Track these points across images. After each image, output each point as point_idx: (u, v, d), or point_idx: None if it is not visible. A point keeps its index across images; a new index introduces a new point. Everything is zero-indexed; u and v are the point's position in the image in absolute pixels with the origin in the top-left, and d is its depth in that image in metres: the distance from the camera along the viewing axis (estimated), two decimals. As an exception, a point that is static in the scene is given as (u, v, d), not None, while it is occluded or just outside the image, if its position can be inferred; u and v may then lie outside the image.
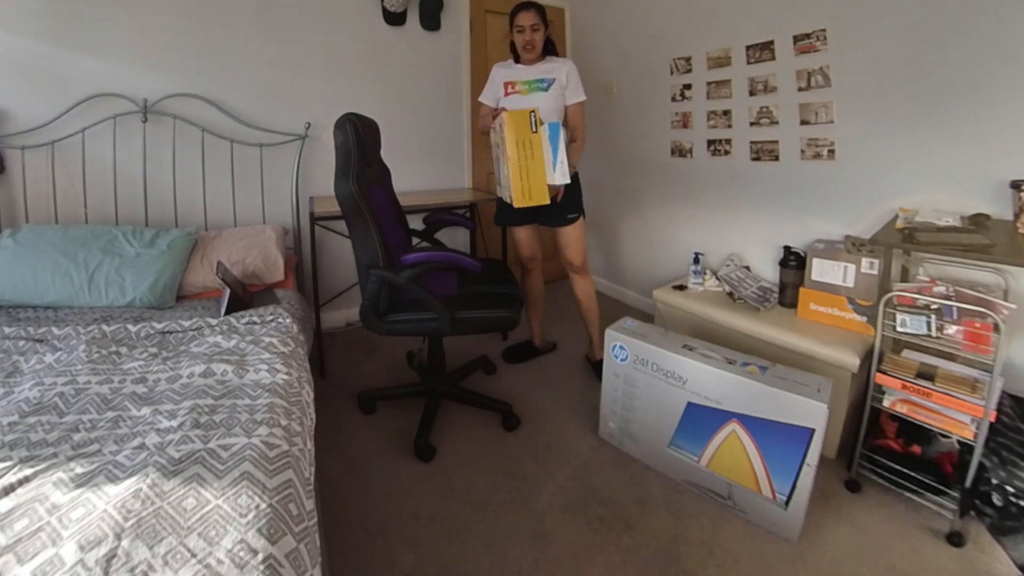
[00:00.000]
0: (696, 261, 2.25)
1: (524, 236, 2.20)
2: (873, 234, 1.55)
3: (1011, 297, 1.44)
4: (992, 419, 1.29)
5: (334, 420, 1.88)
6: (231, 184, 2.30)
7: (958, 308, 1.33)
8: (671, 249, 2.73)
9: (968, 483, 1.33)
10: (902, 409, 1.41)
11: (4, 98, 1.88)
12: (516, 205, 1.70)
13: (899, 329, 1.41)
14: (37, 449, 0.93)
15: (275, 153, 2.37)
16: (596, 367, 2.18)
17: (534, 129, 1.64)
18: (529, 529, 1.40)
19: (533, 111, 1.65)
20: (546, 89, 1.94)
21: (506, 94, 2.01)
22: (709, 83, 2.38)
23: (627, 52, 2.84)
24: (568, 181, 1.76)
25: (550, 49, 2.05)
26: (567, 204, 2.02)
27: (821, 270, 1.80)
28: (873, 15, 1.76)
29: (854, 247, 1.72)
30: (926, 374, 1.40)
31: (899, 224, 1.55)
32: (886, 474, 1.48)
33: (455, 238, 2.91)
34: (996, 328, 1.25)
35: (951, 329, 1.34)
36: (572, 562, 1.29)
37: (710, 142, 2.44)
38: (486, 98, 2.09)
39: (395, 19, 2.62)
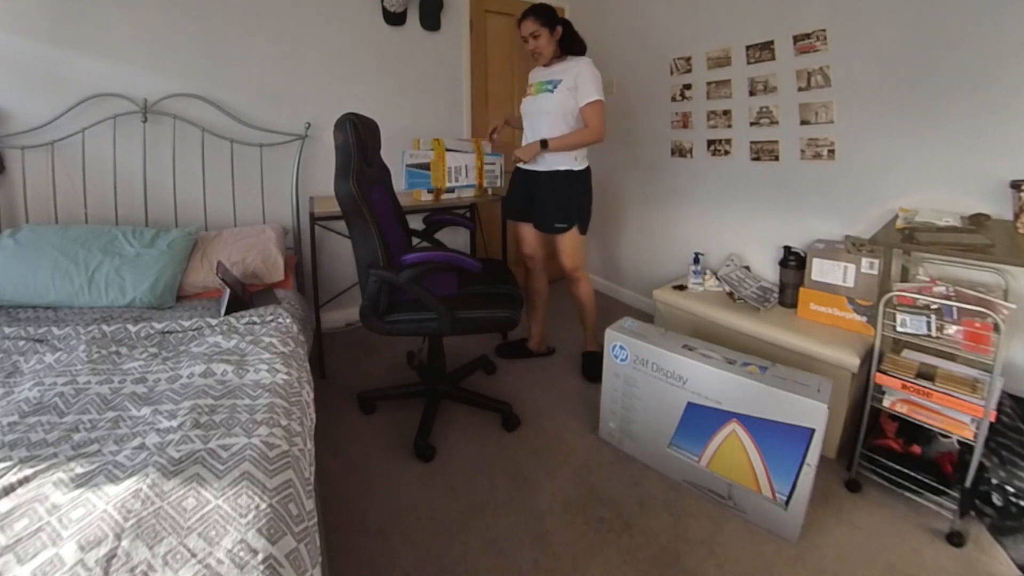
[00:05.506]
0: (696, 261, 2.25)
1: (527, 233, 2.21)
2: (873, 234, 1.55)
3: (1011, 297, 1.44)
4: (992, 419, 1.29)
5: (334, 420, 1.88)
6: (231, 184, 2.30)
7: (958, 308, 1.33)
8: (671, 249, 2.73)
9: (968, 483, 1.33)
10: (902, 409, 1.41)
11: (4, 98, 1.88)
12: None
13: (899, 329, 1.41)
14: (37, 449, 0.93)
15: (275, 153, 2.37)
16: (587, 359, 2.22)
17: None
18: (529, 529, 1.40)
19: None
20: (552, 90, 1.96)
21: (526, 94, 2.10)
22: (709, 83, 2.38)
23: (627, 52, 2.84)
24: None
25: (574, 48, 2.02)
26: (554, 212, 2.05)
27: (821, 270, 1.80)
28: (873, 15, 1.76)
29: (854, 247, 1.72)
30: (926, 374, 1.40)
31: (899, 224, 1.54)
32: (886, 474, 1.48)
33: (455, 238, 2.91)
34: (996, 328, 1.25)
35: (951, 329, 1.34)
36: (572, 562, 1.29)
37: (710, 142, 2.44)
38: None
39: (395, 19, 2.61)
